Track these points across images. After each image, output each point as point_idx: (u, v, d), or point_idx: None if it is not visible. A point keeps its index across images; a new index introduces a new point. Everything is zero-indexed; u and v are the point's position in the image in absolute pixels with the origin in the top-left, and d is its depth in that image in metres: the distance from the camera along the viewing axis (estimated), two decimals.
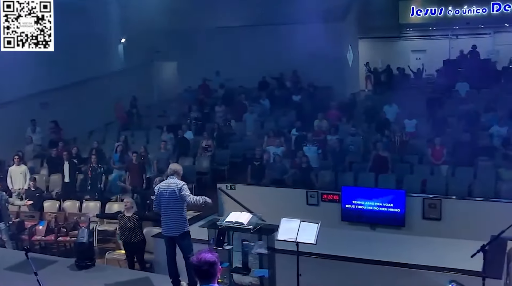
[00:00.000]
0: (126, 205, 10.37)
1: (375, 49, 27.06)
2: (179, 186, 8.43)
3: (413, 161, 14.59)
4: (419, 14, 25.95)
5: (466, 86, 19.95)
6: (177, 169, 8.78)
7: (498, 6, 24.42)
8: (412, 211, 12.18)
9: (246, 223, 8.71)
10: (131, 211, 10.24)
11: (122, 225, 10.17)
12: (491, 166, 13.58)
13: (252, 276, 8.98)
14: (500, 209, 11.33)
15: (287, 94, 20.94)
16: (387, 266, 9.17)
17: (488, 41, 25.50)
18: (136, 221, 10.09)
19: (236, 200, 13.70)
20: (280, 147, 15.49)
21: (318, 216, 9.25)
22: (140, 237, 10.19)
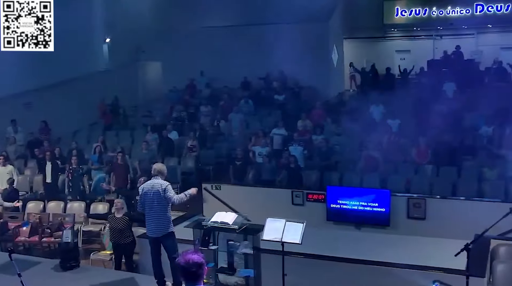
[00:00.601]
0: (116, 206, 10.31)
1: (360, 49, 27.15)
2: (164, 187, 8.40)
3: (398, 160, 14.65)
4: (404, 15, 26.12)
5: (452, 86, 20.07)
6: (161, 169, 8.73)
7: (481, 7, 24.66)
8: (396, 210, 12.22)
9: (232, 223, 8.70)
10: (121, 212, 10.18)
11: (112, 226, 10.10)
12: (475, 166, 13.66)
13: (237, 276, 8.97)
14: (483, 208, 11.38)
15: (272, 94, 20.96)
16: (372, 265, 9.21)
17: (472, 41, 25.69)
18: (126, 222, 10.04)
19: (221, 200, 13.68)
20: (265, 147, 15.50)
21: (304, 216, 9.26)
22: (130, 238, 10.13)
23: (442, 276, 7.86)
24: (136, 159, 15.96)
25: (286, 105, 19.72)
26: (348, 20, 26.30)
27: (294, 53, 20.74)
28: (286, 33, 21.56)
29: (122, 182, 14.63)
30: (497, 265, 8.91)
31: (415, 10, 25.94)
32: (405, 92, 20.68)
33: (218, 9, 23.12)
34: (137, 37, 24.39)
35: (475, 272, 7.72)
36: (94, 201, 14.10)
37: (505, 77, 22.08)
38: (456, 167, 13.79)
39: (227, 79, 22.10)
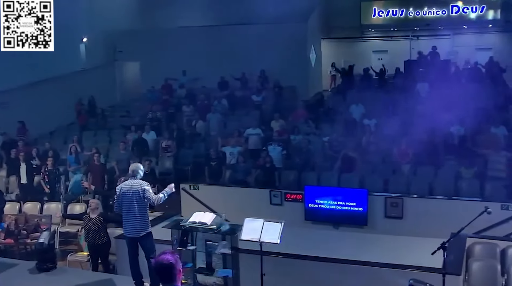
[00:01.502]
0: (91, 206, 10.24)
1: (337, 49, 27.28)
2: (143, 187, 8.37)
3: (376, 160, 14.73)
4: (381, 15, 26.30)
5: (426, 86, 20.23)
6: (138, 168, 8.71)
7: (457, 8, 24.96)
8: (374, 210, 12.29)
9: (210, 223, 8.68)
10: (96, 212, 10.11)
11: (87, 226, 10.04)
12: (451, 165, 13.79)
13: (216, 276, 8.94)
14: (460, 207, 11.51)
15: (249, 94, 20.97)
16: (350, 264, 9.25)
17: (448, 42, 25.95)
18: (101, 222, 9.97)
19: (199, 200, 13.65)
20: (236, 147, 15.46)
21: (282, 216, 9.28)
22: (105, 239, 10.07)
23: (419, 275, 7.90)
24: (114, 159, 15.86)
25: (264, 105, 19.74)
26: (326, 21, 26.44)
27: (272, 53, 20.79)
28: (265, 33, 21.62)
29: (99, 182, 14.55)
30: (472, 263, 9.01)
31: (392, 10, 26.14)
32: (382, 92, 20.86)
33: (197, 9, 23.12)
34: (114, 36, 24.25)
35: (451, 270, 7.81)
36: (72, 202, 13.98)
37: (480, 77, 22.34)
38: (433, 166, 13.90)
39: (206, 79, 22.08)
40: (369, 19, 26.53)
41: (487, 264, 9.04)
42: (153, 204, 8.56)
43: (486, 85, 21.35)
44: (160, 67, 22.86)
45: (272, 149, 15.13)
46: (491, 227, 11.08)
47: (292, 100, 19.93)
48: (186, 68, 22.85)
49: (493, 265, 8.96)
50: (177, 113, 19.75)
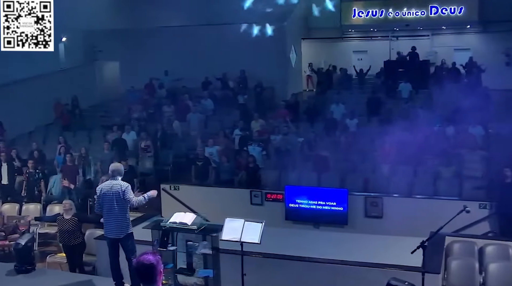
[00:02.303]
0: (65, 207, 10.14)
1: (318, 49, 27.35)
2: (123, 188, 8.35)
3: (356, 160, 14.80)
4: (361, 16, 26.41)
5: (408, 87, 20.39)
6: (119, 169, 8.68)
7: (436, 9, 25.16)
8: (354, 209, 12.35)
9: (190, 224, 8.66)
10: (70, 213, 10.02)
11: (61, 228, 9.96)
12: (430, 165, 13.90)
13: (196, 277, 8.92)
14: (439, 206, 11.61)
15: (232, 94, 20.96)
16: (330, 264, 9.27)
17: (427, 42, 26.16)
18: (75, 223, 9.89)
19: (180, 201, 13.62)
20: (214, 147, 15.43)
21: (262, 216, 9.29)
22: (79, 239, 10.00)
23: (399, 273, 7.96)
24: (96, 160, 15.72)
25: (245, 105, 19.74)
26: (306, 21, 26.51)
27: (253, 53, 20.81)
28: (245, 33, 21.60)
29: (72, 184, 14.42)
30: (451, 262, 9.11)
31: (372, 11, 26.26)
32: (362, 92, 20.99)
33: (177, 8, 23.05)
34: (94, 36, 24.08)
35: (430, 268, 7.88)
36: (51, 203, 13.85)
37: (458, 77, 22.58)
38: (412, 166, 14.00)
39: (186, 79, 22.02)
40: (349, 20, 26.63)
41: (466, 262, 9.13)
42: (133, 206, 8.52)
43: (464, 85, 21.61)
44: (140, 67, 22.76)
45: (252, 149, 15.14)
46: (470, 225, 11.20)
47: (272, 100, 19.95)
48: (166, 68, 22.80)
49: (471, 263, 9.06)
50: (157, 113, 19.66)
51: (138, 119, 19.00)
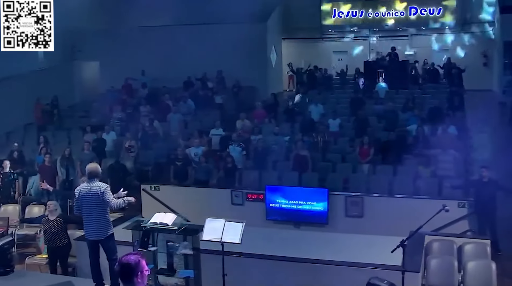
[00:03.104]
0: (49, 208, 10.01)
1: (298, 49, 27.43)
2: (102, 190, 8.26)
3: (336, 160, 14.87)
4: (341, 16, 26.56)
5: (385, 87, 20.52)
6: (95, 171, 8.52)
7: (415, 10, 25.42)
8: (335, 209, 12.39)
9: (171, 224, 8.64)
10: (54, 214, 9.92)
11: (46, 229, 9.83)
12: (410, 164, 14.00)
13: (177, 277, 8.91)
14: (418, 205, 11.69)
15: (211, 94, 20.93)
16: (311, 263, 9.30)
17: (406, 43, 26.35)
18: (60, 224, 9.79)
19: (160, 201, 13.57)
20: (200, 147, 15.41)
21: (243, 216, 9.29)
22: (65, 241, 9.90)
23: (379, 273, 8.01)
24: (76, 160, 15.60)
25: (225, 105, 19.73)
26: (287, 21, 26.57)
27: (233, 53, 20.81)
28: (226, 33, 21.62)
29: (50, 184, 14.27)
30: (430, 260, 9.18)
31: (351, 12, 26.42)
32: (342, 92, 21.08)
33: (157, 9, 22.95)
34: (73, 36, 23.90)
35: (410, 267, 7.93)
36: (30, 204, 13.71)
37: (437, 78, 22.80)
38: (392, 165, 14.10)
39: (166, 79, 21.96)
40: (329, 20, 26.76)
41: (445, 261, 9.22)
42: (112, 208, 8.43)
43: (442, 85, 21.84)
44: (119, 67, 22.64)
45: (232, 149, 15.14)
46: (449, 224, 11.29)
47: (252, 100, 19.96)
48: (146, 68, 22.70)
49: (450, 262, 9.14)
50: (136, 113, 19.56)
51: (118, 120, 18.89)
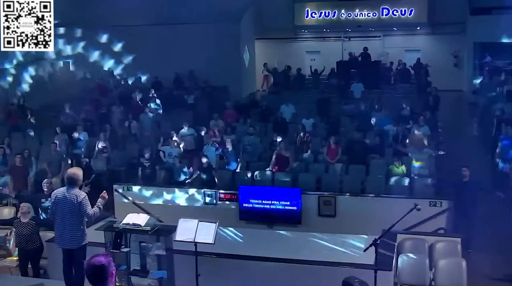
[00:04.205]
0: (22, 210, 9.85)
1: (271, 49, 27.49)
2: (79, 200, 7.89)
3: (309, 159, 14.93)
4: (314, 17, 26.68)
5: (360, 87, 20.66)
6: (74, 178, 8.09)
7: (387, 11, 25.65)
8: (308, 208, 12.46)
9: (144, 225, 8.58)
10: (27, 216, 9.78)
11: (19, 232, 9.68)
12: (382, 164, 14.13)
13: (150, 278, 8.86)
14: (390, 204, 11.81)
15: (184, 94, 20.86)
16: (284, 263, 9.31)
17: (378, 43, 26.57)
18: (33, 227, 9.66)
19: (133, 202, 13.49)
20: (174, 148, 15.34)
21: (216, 216, 9.31)
22: (37, 243, 9.77)
23: (352, 271, 8.05)
24: (45, 161, 15.43)
25: (198, 105, 19.68)
26: (260, 21, 26.61)
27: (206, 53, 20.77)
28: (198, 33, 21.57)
29: (21, 185, 14.08)
30: (402, 259, 9.26)
31: (324, 12, 26.56)
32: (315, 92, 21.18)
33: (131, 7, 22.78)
34: None
35: (382, 266, 7.98)
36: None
37: (408, 78, 23.04)
38: (364, 165, 14.20)
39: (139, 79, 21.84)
40: (302, 20, 26.88)
41: (416, 259, 9.30)
42: (90, 219, 8.13)
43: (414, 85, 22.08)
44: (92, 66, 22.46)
45: (207, 149, 15.11)
46: (420, 223, 11.41)
47: (225, 100, 19.94)
48: (119, 67, 22.55)
49: (422, 260, 9.24)
50: (108, 114, 19.38)
51: (90, 120, 18.71)
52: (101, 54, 22.47)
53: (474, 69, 23.64)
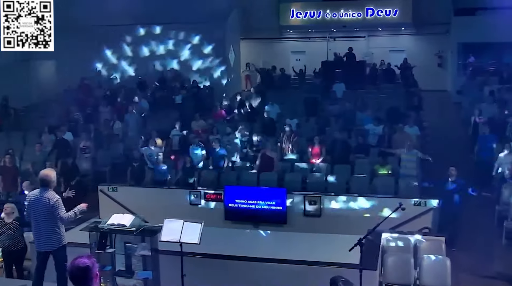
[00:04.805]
0: (5, 211, 9.79)
1: (256, 49, 27.49)
2: (52, 203, 7.67)
3: (294, 159, 14.94)
4: (299, 17, 26.74)
5: (342, 87, 20.71)
6: (47, 179, 7.87)
7: (371, 11, 25.77)
8: (293, 208, 12.47)
9: (129, 225, 8.55)
10: (11, 217, 9.72)
11: (2, 232, 9.64)
12: (366, 163, 14.18)
13: (136, 279, 8.83)
14: (375, 204, 11.85)
15: (169, 94, 20.81)
16: (270, 263, 9.32)
17: (363, 44, 26.66)
18: (16, 227, 9.60)
19: (118, 202, 13.43)
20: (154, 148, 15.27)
21: (202, 216, 9.29)
22: (21, 244, 9.71)
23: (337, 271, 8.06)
24: (29, 161, 15.33)
25: (184, 105, 19.63)
26: (245, 21, 26.61)
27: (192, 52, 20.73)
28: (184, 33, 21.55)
29: (11, 186, 13.98)
30: (387, 258, 9.32)
31: (309, 12, 26.62)
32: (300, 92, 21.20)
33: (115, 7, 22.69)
34: None
35: (368, 265, 8.01)
36: None
37: (393, 78, 23.13)
38: (349, 164, 14.25)
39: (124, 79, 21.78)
40: (287, 20, 26.94)
41: (401, 258, 9.37)
42: (62, 222, 7.86)
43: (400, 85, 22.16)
44: (77, 66, 22.31)
45: (192, 149, 15.09)
46: (405, 222, 11.46)
47: (211, 100, 19.92)
48: (103, 68, 22.46)
49: (407, 259, 9.30)
50: (94, 114, 19.29)
51: (75, 120, 18.61)
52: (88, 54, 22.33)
53: (458, 69, 23.81)
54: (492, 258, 10.89)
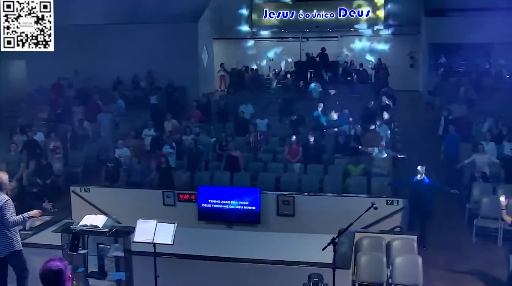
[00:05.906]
0: None
1: (229, 49, 27.49)
2: (0, 205, 7.60)
3: (267, 159, 14.98)
4: (272, 17, 26.82)
5: (318, 87, 20.81)
6: (1, 181, 7.75)
7: (344, 12, 25.95)
8: (266, 208, 12.48)
9: (101, 226, 8.49)
10: None
11: None
12: (340, 163, 14.26)
13: (109, 280, 8.77)
14: (348, 203, 11.93)
15: (143, 95, 20.72)
16: (244, 263, 9.33)
17: (336, 44, 26.81)
18: None
19: (90, 203, 13.31)
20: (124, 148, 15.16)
21: (175, 216, 9.25)
22: None
23: (311, 270, 8.11)
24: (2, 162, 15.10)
25: (157, 105, 19.56)
26: (218, 21, 26.59)
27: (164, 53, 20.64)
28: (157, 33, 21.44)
29: None
30: (360, 257, 9.39)
31: (283, 12, 26.72)
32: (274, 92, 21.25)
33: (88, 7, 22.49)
34: None
35: (341, 264, 8.08)
36: None
37: (366, 78, 23.33)
38: (322, 164, 14.32)
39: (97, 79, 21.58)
40: (260, 21, 26.98)
41: (374, 257, 9.44)
42: (8, 225, 7.68)
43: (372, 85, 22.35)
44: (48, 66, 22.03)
45: (165, 149, 15.03)
46: (378, 221, 11.56)
47: (184, 100, 19.87)
48: (76, 67, 22.25)
49: (379, 258, 9.37)
50: (66, 114, 19.10)
51: (46, 120, 18.41)
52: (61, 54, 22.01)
53: (429, 70, 24.07)
54: (463, 256, 11.04)
